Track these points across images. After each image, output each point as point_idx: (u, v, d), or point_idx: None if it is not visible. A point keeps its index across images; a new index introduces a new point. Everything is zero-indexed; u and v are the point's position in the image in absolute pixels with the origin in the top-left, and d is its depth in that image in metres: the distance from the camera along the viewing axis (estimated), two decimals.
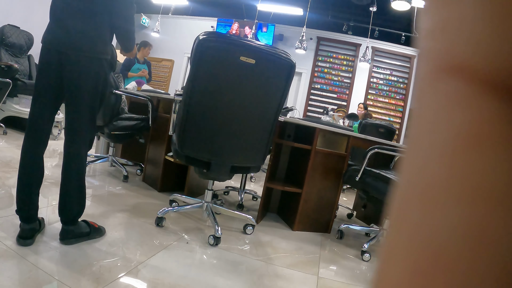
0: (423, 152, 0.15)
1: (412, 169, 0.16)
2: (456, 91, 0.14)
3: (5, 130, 5.53)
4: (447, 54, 0.15)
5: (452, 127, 0.14)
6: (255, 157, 2.76)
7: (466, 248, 0.13)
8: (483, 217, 0.13)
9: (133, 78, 6.23)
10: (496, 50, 0.13)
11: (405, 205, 0.16)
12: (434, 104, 0.15)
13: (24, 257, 1.95)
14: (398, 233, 0.16)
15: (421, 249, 0.14)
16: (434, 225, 0.14)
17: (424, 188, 0.15)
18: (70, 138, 2.22)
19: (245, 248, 2.77)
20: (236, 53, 2.39)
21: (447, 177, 0.14)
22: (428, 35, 0.16)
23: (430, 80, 0.15)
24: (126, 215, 2.94)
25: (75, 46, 2.10)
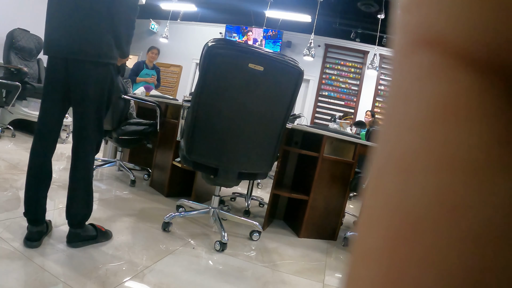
0: (399, 122, 0.16)
1: (388, 140, 0.16)
2: (431, 64, 0.14)
3: (14, 133, 5.57)
4: (423, 28, 0.15)
5: (427, 98, 0.14)
6: (262, 163, 2.76)
7: (443, 214, 0.13)
8: (458, 185, 0.13)
9: (141, 83, 6.25)
10: (471, 24, 0.13)
11: (383, 175, 0.16)
12: (410, 75, 0.15)
13: (31, 259, 1.96)
14: (377, 202, 0.16)
15: (401, 216, 0.14)
16: (412, 193, 0.14)
17: (400, 158, 0.15)
18: (77, 142, 2.24)
19: (251, 254, 2.77)
20: (244, 60, 2.40)
21: (422, 147, 0.14)
22: (405, 9, 0.16)
23: (406, 53, 0.16)
24: (132, 220, 2.95)
25: (80, 52, 2.11)
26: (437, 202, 0.13)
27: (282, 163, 3.40)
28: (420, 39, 0.15)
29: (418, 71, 0.15)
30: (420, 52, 0.15)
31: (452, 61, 0.14)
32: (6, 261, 1.89)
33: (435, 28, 0.14)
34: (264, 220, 3.42)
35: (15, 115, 5.76)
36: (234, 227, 3.23)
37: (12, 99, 5.35)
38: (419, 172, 0.14)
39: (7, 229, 2.24)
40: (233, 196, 4.36)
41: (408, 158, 0.15)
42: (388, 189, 0.15)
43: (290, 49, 10.01)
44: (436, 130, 0.14)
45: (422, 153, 0.14)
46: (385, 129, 0.16)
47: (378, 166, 0.16)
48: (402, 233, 0.14)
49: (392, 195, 0.15)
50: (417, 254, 0.14)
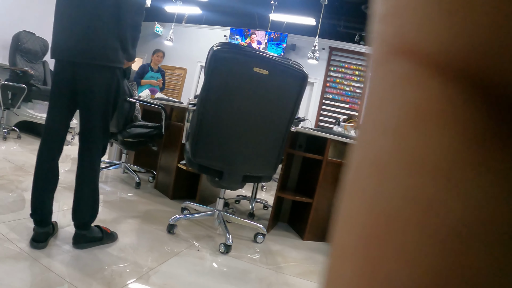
0: (374, 126, 0.16)
1: (364, 143, 0.17)
2: (405, 72, 0.15)
3: (19, 135, 5.60)
4: (399, 38, 0.15)
5: (400, 104, 0.15)
6: (267, 166, 2.78)
7: (415, 213, 0.14)
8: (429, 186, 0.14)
9: (146, 85, 6.27)
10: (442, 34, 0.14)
11: (359, 176, 0.16)
12: (385, 83, 0.16)
13: (36, 260, 1.98)
14: (353, 202, 0.16)
15: (375, 217, 0.15)
16: (385, 193, 0.15)
17: (375, 160, 0.16)
18: (84, 145, 2.26)
19: (255, 256, 2.79)
20: (249, 64, 2.42)
21: (395, 150, 0.15)
22: (381, 19, 0.16)
23: (382, 62, 0.16)
24: (137, 222, 2.97)
25: (87, 55, 2.12)
26: (409, 202, 0.14)
27: (286, 166, 3.41)
28: (395, 49, 0.15)
29: (393, 79, 0.15)
30: (394, 61, 0.15)
31: (425, 70, 0.14)
32: (12, 261, 1.91)
33: (409, 38, 0.15)
34: (268, 222, 3.42)
35: (20, 117, 5.79)
36: (238, 229, 3.25)
37: (18, 101, 5.39)
38: (392, 173, 0.15)
39: (13, 230, 2.26)
40: (237, 199, 4.37)
41: (382, 161, 0.15)
42: (363, 190, 0.16)
43: (294, 52, 10.03)
44: (408, 134, 0.14)
45: (395, 155, 0.15)
46: (362, 133, 0.17)
47: (354, 167, 0.17)
48: (376, 231, 0.15)
49: (367, 195, 0.16)
50: (390, 251, 0.14)
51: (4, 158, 4.10)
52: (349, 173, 0.17)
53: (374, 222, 0.15)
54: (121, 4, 2.14)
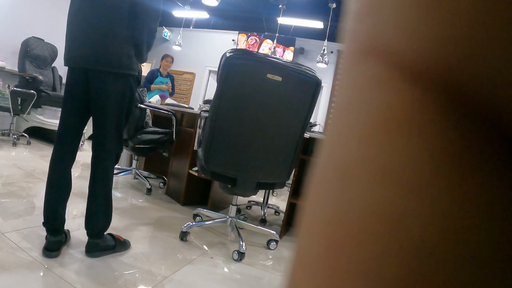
0: (341, 131, 0.15)
1: (330, 147, 0.16)
2: (376, 74, 0.14)
3: (29, 140, 5.64)
4: (371, 37, 0.15)
5: (369, 108, 0.14)
6: (281, 173, 2.76)
7: (377, 225, 0.13)
8: (393, 197, 0.13)
9: (155, 91, 6.28)
10: (416, 36, 0.13)
11: (323, 181, 0.16)
12: (354, 84, 0.15)
13: (49, 269, 1.98)
14: (316, 209, 0.16)
15: (337, 224, 0.14)
16: (347, 202, 0.14)
17: (339, 166, 0.15)
18: (97, 153, 2.25)
19: (268, 263, 2.77)
20: (263, 71, 2.40)
21: (361, 157, 0.14)
22: (356, 17, 0.16)
23: (353, 62, 0.16)
24: (149, 229, 2.96)
25: (101, 63, 2.12)
26: (371, 213, 0.13)
27: (299, 171, 3.39)
28: (367, 49, 0.15)
29: (363, 81, 0.15)
30: (366, 61, 0.15)
31: (398, 73, 0.14)
32: (25, 271, 1.91)
33: (382, 39, 0.14)
34: (281, 228, 3.41)
35: (30, 123, 5.82)
36: (250, 236, 3.23)
37: (28, 107, 5.42)
38: (355, 181, 0.14)
39: (25, 239, 2.26)
40: (249, 205, 4.36)
41: (346, 167, 0.15)
42: (326, 196, 0.15)
43: (303, 56, 10.00)
44: (375, 141, 0.14)
45: (359, 163, 0.14)
46: (328, 136, 0.16)
47: (319, 171, 0.16)
48: (337, 241, 0.14)
49: (329, 202, 0.15)
50: (350, 263, 0.14)
51: (14, 165, 4.12)
52: (314, 176, 0.17)
53: (335, 232, 0.14)
54: (138, 10, 2.13)
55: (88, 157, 2.37)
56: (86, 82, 2.17)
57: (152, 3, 2.18)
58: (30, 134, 5.78)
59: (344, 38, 0.17)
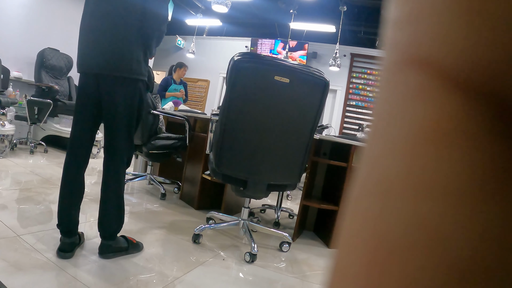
0: (383, 144, 0.15)
1: (371, 161, 0.16)
2: (418, 84, 0.14)
3: (46, 149, 5.72)
4: (413, 47, 0.14)
5: (411, 120, 0.14)
6: (291, 175, 2.77)
7: (420, 243, 0.13)
8: (438, 214, 0.13)
9: (170, 98, 6.33)
10: (459, 45, 0.13)
11: (364, 195, 0.15)
12: (396, 96, 0.15)
13: (63, 269, 2.01)
14: (356, 224, 0.15)
15: (378, 241, 0.14)
16: (391, 218, 0.14)
17: (382, 181, 0.14)
18: (108, 156, 2.29)
19: (281, 265, 2.77)
20: (270, 73, 2.42)
21: (404, 172, 0.14)
22: (396, 26, 0.15)
23: (394, 72, 0.15)
24: (163, 232, 2.98)
25: (111, 67, 2.15)
26: (414, 229, 0.13)
27: (310, 174, 3.38)
28: (409, 58, 0.14)
29: (404, 91, 0.15)
30: (407, 71, 0.14)
31: (440, 83, 0.13)
32: (40, 271, 1.95)
33: (424, 48, 0.14)
34: (293, 231, 3.41)
35: (47, 131, 5.90)
36: (264, 238, 3.24)
37: (44, 116, 5.48)
38: (398, 196, 0.14)
39: (41, 241, 2.30)
40: (263, 208, 4.36)
41: (387, 181, 0.14)
42: (366, 212, 0.15)
43: (316, 60, 10.00)
44: (417, 154, 0.13)
45: (402, 176, 0.14)
46: (368, 149, 0.16)
47: (359, 185, 0.16)
48: (377, 258, 0.14)
49: (369, 218, 0.15)
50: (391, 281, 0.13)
51: (32, 171, 4.18)
52: (353, 190, 0.16)
53: (375, 248, 0.14)
54: (146, 17, 2.17)
55: None
56: (97, 87, 2.21)
57: (160, 10, 2.22)
58: (47, 142, 5.86)
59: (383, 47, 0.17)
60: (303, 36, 9.93)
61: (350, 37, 9.51)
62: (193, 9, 10.08)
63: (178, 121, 4.27)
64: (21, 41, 6.81)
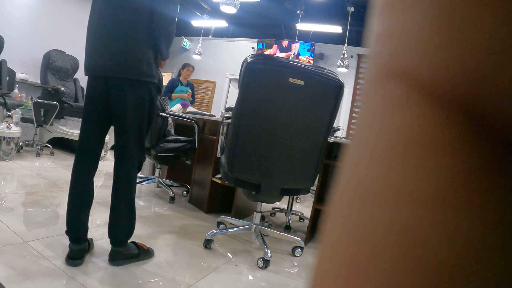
0: (362, 151, 0.15)
1: (351, 169, 0.16)
2: (398, 96, 0.14)
3: (52, 151, 5.73)
4: (393, 60, 0.15)
5: (390, 130, 0.14)
6: (305, 178, 2.72)
7: (398, 248, 0.13)
8: (414, 219, 0.13)
9: (176, 99, 6.31)
10: (440, 60, 0.13)
11: (344, 201, 0.16)
12: (376, 107, 0.15)
13: (73, 277, 1.98)
14: (336, 229, 0.16)
15: (357, 245, 0.14)
16: (369, 223, 0.14)
17: (360, 187, 0.15)
18: (119, 161, 2.24)
19: (294, 270, 2.73)
20: (285, 75, 2.37)
21: (382, 179, 0.14)
22: (378, 40, 0.16)
23: (376, 84, 0.16)
24: (173, 237, 2.94)
25: (121, 70, 2.11)
26: (391, 234, 0.13)
27: (323, 177, 3.34)
28: (390, 71, 0.15)
29: (385, 103, 0.15)
30: (388, 84, 0.15)
31: (419, 96, 0.14)
32: (49, 279, 1.92)
33: (404, 62, 0.14)
34: (305, 235, 3.36)
35: (53, 134, 5.90)
36: (275, 243, 3.19)
37: (50, 118, 5.49)
38: (377, 202, 0.14)
39: (49, 247, 2.27)
40: (273, 212, 4.32)
41: (367, 188, 0.15)
42: (345, 217, 0.15)
43: (323, 61, 9.94)
44: (396, 163, 0.14)
45: (380, 184, 0.14)
46: (349, 157, 0.17)
47: (339, 191, 0.16)
48: (357, 262, 0.14)
49: (349, 223, 0.15)
50: (371, 284, 0.13)
51: (38, 174, 4.16)
52: (335, 199, 0.17)
53: (355, 252, 0.14)
54: (154, 18, 2.12)
55: (111, 166, 2.37)
56: (106, 90, 2.17)
57: (169, 11, 2.17)
58: (54, 144, 5.87)
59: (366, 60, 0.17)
60: (310, 37, 9.89)
61: (357, 38, 9.48)
62: (199, 10, 10.08)
63: (187, 124, 4.24)
64: (27, 42, 6.84)
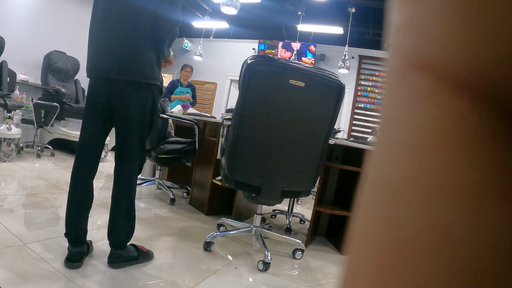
0: (390, 148, 0.15)
1: (379, 165, 0.16)
2: (423, 89, 0.14)
3: (53, 152, 5.74)
4: (416, 51, 0.14)
5: (417, 124, 0.14)
6: (306, 181, 2.70)
7: (430, 244, 0.13)
8: (446, 215, 0.13)
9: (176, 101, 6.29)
10: (465, 49, 0.13)
11: (373, 200, 0.15)
12: (401, 100, 0.15)
13: (71, 280, 1.97)
14: (366, 229, 0.16)
15: (389, 244, 0.14)
16: (400, 221, 0.14)
17: (390, 184, 0.15)
18: (120, 163, 2.23)
19: (294, 273, 2.71)
20: (285, 77, 2.36)
21: (412, 174, 0.14)
22: (398, 31, 0.15)
23: (399, 77, 0.15)
24: (173, 239, 2.93)
25: (123, 72, 2.11)
26: (424, 232, 0.13)
27: (323, 179, 3.32)
28: (413, 63, 0.15)
29: (410, 96, 0.15)
30: (412, 76, 0.15)
31: (445, 87, 0.14)
32: (47, 282, 1.90)
33: (428, 52, 0.14)
34: (306, 237, 3.35)
35: (54, 135, 5.90)
36: (276, 245, 3.18)
37: (51, 119, 5.49)
38: (406, 199, 0.14)
39: (48, 249, 2.26)
40: (273, 214, 4.31)
41: (396, 186, 0.14)
42: (375, 216, 0.15)
43: (324, 62, 9.93)
44: (425, 158, 0.14)
45: (409, 180, 0.14)
46: (375, 154, 0.16)
47: (367, 190, 0.16)
48: (389, 261, 0.14)
49: (379, 222, 0.15)
50: (404, 282, 0.13)
51: (38, 176, 4.15)
52: (362, 196, 0.17)
53: (387, 252, 0.14)
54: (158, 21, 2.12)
55: (111, 168, 2.36)
56: (108, 92, 2.16)
57: (172, 14, 2.17)
58: (54, 146, 5.87)
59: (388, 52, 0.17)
60: (311, 38, 9.88)
61: (358, 39, 9.47)
62: (200, 12, 10.08)
63: (187, 125, 4.24)
64: (28, 43, 6.84)
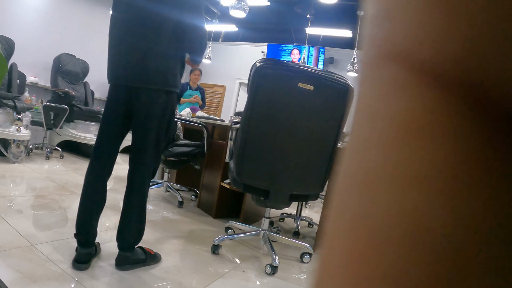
0: (363, 138, 0.15)
1: (352, 156, 0.16)
2: (396, 79, 0.14)
3: (62, 154, 5.76)
4: (390, 42, 0.14)
5: (391, 114, 0.14)
6: (314, 184, 2.69)
7: (405, 231, 0.13)
8: (421, 203, 0.13)
9: (185, 104, 6.30)
10: (438, 40, 0.13)
11: (347, 191, 0.16)
12: (375, 90, 0.15)
13: (80, 282, 1.97)
14: (339, 219, 0.16)
15: (358, 231, 0.14)
16: (374, 209, 0.14)
17: (362, 175, 0.15)
18: (135, 167, 2.25)
19: (302, 277, 2.70)
20: (294, 80, 2.35)
21: (384, 164, 0.14)
22: (373, 21, 0.15)
23: (372, 67, 0.15)
24: (181, 242, 2.93)
25: (144, 81, 2.13)
26: (399, 219, 0.13)
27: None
28: (387, 53, 0.15)
29: (384, 86, 0.15)
30: (386, 66, 0.15)
31: (416, 77, 0.14)
32: (55, 283, 1.90)
33: (399, 42, 0.14)
34: (314, 241, 3.34)
35: (63, 137, 5.94)
36: (284, 249, 3.17)
37: (60, 121, 5.51)
38: (376, 187, 0.14)
39: (56, 250, 2.26)
40: (282, 217, 4.29)
41: (371, 175, 0.14)
42: (352, 206, 0.15)
43: (332, 65, 9.92)
44: (397, 147, 0.14)
45: (381, 169, 0.14)
46: (351, 144, 0.16)
47: (342, 182, 0.16)
48: (365, 249, 0.14)
49: (355, 211, 0.15)
50: (374, 269, 0.13)
51: (47, 177, 4.16)
52: (337, 187, 0.17)
53: (357, 239, 0.14)
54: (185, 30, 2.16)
55: (120, 170, 2.37)
56: (128, 99, 2.19)
57: (197, 21, 2.20)
58: (63, 147, 5.90)
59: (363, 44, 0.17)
60: (320, 42, 9.86)
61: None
62: (209, 15, 10.10)
63: (196, 128, 4.24)
64: (37, 46, 6.89)
